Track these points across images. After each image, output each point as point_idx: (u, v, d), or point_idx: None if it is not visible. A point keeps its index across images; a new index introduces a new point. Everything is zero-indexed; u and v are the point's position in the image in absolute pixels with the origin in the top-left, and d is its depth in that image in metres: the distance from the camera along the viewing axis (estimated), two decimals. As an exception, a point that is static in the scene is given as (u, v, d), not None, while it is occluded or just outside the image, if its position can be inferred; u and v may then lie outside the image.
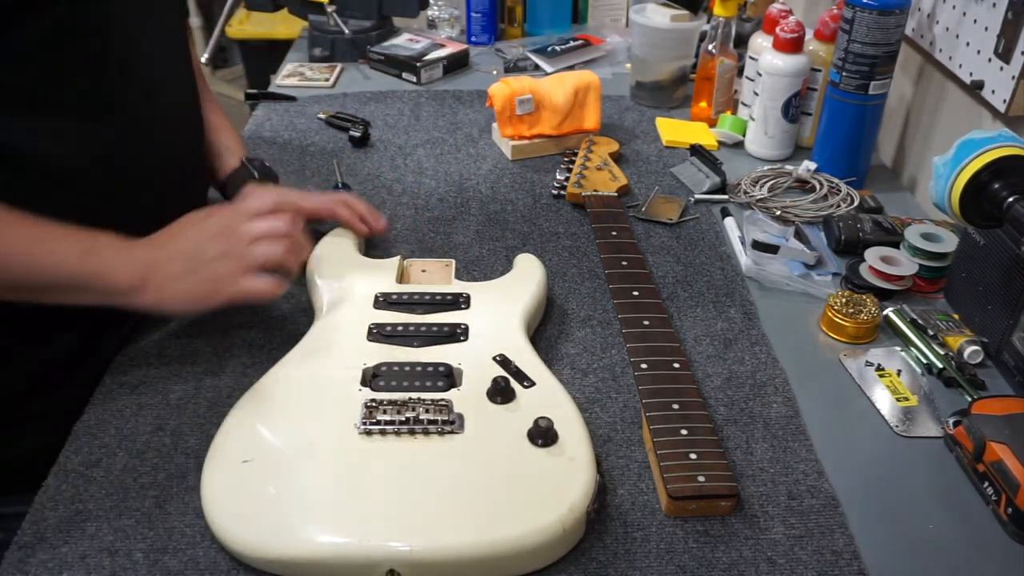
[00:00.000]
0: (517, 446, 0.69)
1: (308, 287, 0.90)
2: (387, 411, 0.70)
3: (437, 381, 0.75)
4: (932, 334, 0.88)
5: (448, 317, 0.83)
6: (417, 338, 0.80)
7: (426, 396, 0.73)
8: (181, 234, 0.80)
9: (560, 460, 0.68)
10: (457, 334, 0.81)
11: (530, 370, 0.77)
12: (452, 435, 0.70)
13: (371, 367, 0.76)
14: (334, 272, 0.89)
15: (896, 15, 1.05)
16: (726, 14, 1.26)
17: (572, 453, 0.68)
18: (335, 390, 0.74)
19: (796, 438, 0.77)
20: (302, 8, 1.53)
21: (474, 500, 0.65)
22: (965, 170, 0.78)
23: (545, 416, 0.70)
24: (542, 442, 0.69)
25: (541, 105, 1.22)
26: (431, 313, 0.84)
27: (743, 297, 0.95)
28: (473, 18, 1.61)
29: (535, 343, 0.83)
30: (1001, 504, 0.69)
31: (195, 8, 3.61)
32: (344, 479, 0.66)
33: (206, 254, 0.78)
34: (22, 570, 0.63)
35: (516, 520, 0.63)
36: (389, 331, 0.81)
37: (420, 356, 0.78)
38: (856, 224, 1.02)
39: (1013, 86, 0.95)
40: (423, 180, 1.17)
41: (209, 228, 0.80)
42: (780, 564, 0.66)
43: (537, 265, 0.92)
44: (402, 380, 0.75)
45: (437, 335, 0.81)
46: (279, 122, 1.32)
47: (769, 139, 1.23)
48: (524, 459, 0.68)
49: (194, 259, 0.78)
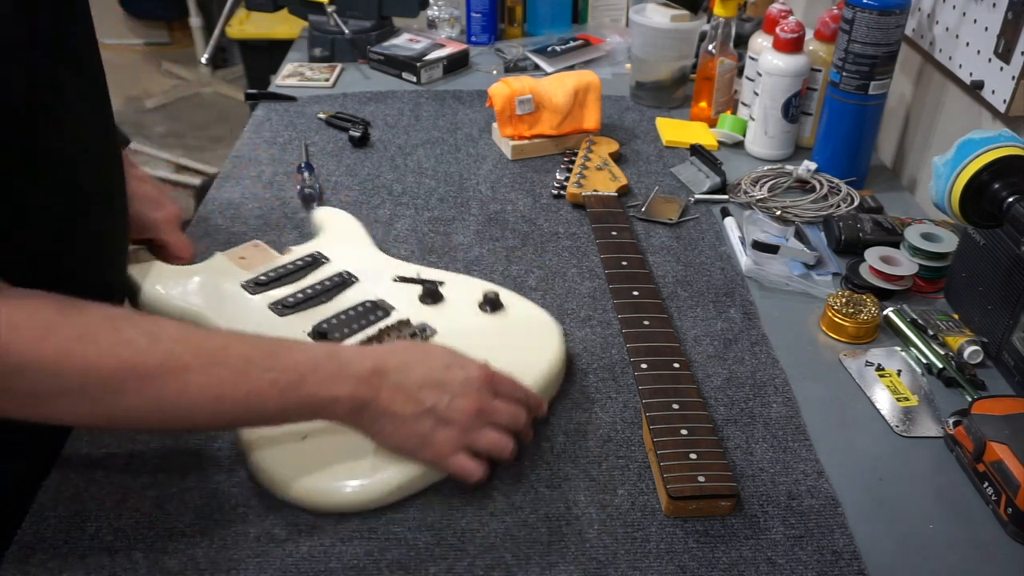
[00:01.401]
0: (487, 321, 0.82)
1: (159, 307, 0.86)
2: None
3: (377, 312, 0.82)
4: (932, 334, 0.88)
5: (324, 273, 0.87)
6: (321, 295, 0.84)
7: (383, 325, 0.80)
8: (424, 367, 0.70)
9: (521, 309, 0.85)
10: (349, 280, 0.86)
11: (426, 275, 0.88)
12: (434, 338, 0.80)
13: (312, 329, 0.80)
14: (181, 284, 0.87)
15: (896, 15, 1.05)
16: (726, 14, 1.26)
17: (523, 306, 0.86)
18: None
19: (796, 438, 0.77)
20: (302, 8, 1.54)
21: (501, 360, 0.74)
22: (965, 170, 0.78)
23: (491, 290, 0.84)
24: (493, 308, 0.84)
25: (541, 105, 1.22)
26: (304, 277, 0.87)
27: (743, 297, 0.95)
28: (473, 18, 1.61)
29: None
30: (1001, 504, 0.69)
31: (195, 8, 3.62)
32: None
33: (442, 409, 0.68)
34: (22, 570, 0.63)
35: (538, 353, 0.79)
36: (292, 301, 0.84)
37: (340, 305, 0.83)
38: (856, 224, 1.02)
39: (1013, 86, 0.95)
40: (423, 180, 1.17)
41: (457, 385, 0.69)
42: (780, 564, 0.66)
43: (334, 212, 1.02)
44: (351, 324, 0.80)
45: (334, 286, 0.86)
46: (279, 122, 1.32)
47: (769, 139, 1.23)
48: (502, 325, 0.83)
49: (426, 412, 0.68)
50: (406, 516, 0.69)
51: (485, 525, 0.68)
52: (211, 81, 3.70)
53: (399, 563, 0.65)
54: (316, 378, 0.65)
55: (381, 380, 0.67)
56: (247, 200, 1.10)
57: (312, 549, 0.66)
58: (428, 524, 0.68)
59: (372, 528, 0.67)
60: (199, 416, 0.64)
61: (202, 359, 0.62)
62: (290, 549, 0.66)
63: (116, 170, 0.81)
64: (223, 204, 1.09)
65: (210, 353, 0.63)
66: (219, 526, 0.67)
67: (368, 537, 0.67)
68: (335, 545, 0.66)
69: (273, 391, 0.63)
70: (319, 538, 0.66)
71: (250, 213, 1.07)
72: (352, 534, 0.67)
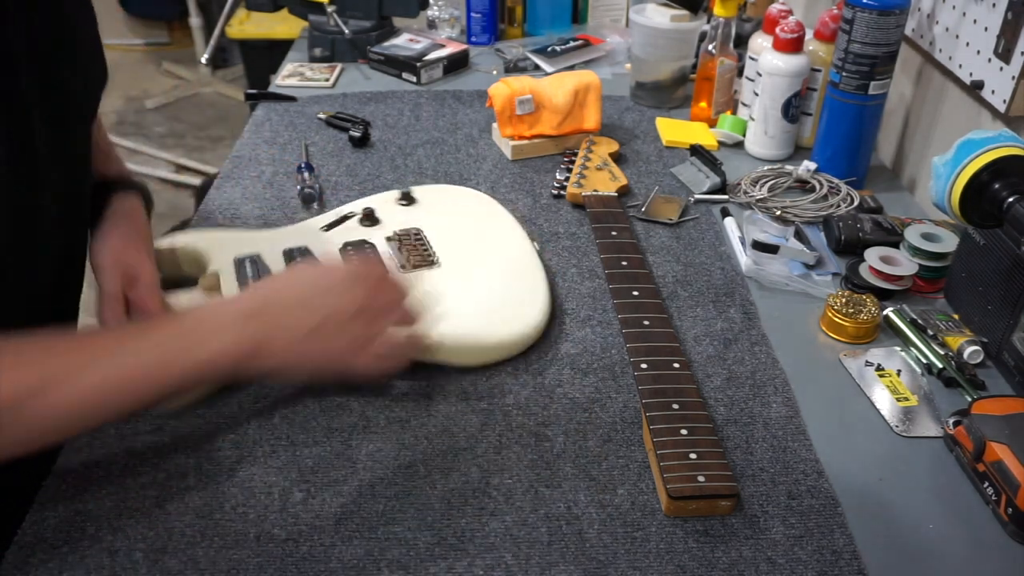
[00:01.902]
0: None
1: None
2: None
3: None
4: (932, 334, 0.88)
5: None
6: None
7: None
8: (299, 283, 0.71)
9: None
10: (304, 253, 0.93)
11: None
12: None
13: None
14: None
15: (896, 15, 1.05)
16: (726, 14, 1.26)
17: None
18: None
19: (796, 438, 0.77)
20: (302, 8, 1.53)
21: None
22: (965, 170, 0.78)
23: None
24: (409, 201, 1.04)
25: (541, 105, 1.22)
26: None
27: (743, 297, 0.95)
28: (473, 18, 1.61)
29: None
30: (1001, 504, 0.69)
31: (195, 8, 3.62)
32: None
33: (338, 308, 0.69)
34: (22, 570, 0.63)
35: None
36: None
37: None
38: (856, 224, 1.02)
39: (1013, 86, 0.95)
40: (423, 180, 1.17)
41: (340, 283, 0.71)
42: (780, 564, 0.66)
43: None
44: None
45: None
46: (279, 122, 1.32)
47: (769, 139, 1.23)
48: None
49: (323, 316, 0.69)
50: (406, 516, 0.69)
51: (485, 525, 0.68)
52: (211, 81, 3.70)
53: (399, 563, 0.65)
54: (186, 344, 0.65)
55: (260, 318, 0.67)
56: (247, 200, 1.10)
57: (312, 549, 0.66)
58: (428, 524, 0.68)
59: (372, 528, 0.67)
60: (89, 419, 0.65)
61: (70, 367, 0.62)
62: (290, 549, 0.66)
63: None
64: (223, 204, 1.09)
65: (77, 362, 0.63)
66: (219, 526, 0.67)
67: (368, 537, 0.67)
68: (335, 545, 0.66)
69: (150, 373, 0.64)
70: (319, 538, 0.66)
71: (250, 213, 1.07)
72: (352, 534, 0.67)
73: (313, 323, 0.68)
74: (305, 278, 0.72)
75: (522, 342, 0.85)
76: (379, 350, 0.71)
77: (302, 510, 0.69)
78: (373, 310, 0.71)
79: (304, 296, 0.70)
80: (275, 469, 0.72)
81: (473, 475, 0.72)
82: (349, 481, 0.71)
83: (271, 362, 0.68)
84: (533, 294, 0.90)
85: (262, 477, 0.72)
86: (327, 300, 0.69)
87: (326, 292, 0.70)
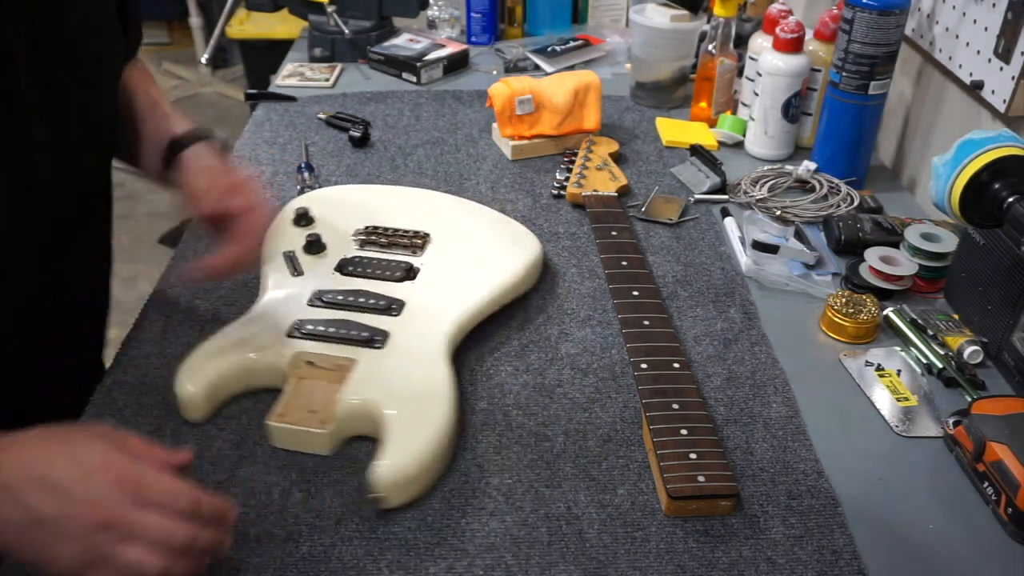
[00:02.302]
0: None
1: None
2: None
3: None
4: (932, 334, 0.88)
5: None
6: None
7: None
8: (46, 464, 0.56)
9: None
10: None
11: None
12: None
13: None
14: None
15: (896, 15, 1.05)
16: (726, 14, 1.26)
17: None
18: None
19: (796, 438, 0.77)
20: (302, 8, 1.53)
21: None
22: (965, 170, 0.78)
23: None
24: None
25: (541, 105, 1.22)
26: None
27: (743, 297, 0.95)
28: (473, 18, 1.61)
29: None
30: (1001, 504, 0.69)
31: (195, 8, 3.62)
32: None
33: (53, 518, 0.55)
34: (22, 570, 0.63)
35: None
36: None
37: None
38: (856, 224, 1.02)
39: (1013, 86, 0.95)
40: (423, 180, 1.17)
41: (78, 490, 0.55)
42: (780, 564, 0.66)
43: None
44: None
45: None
46: (279, 122, 1.32)
47: (769, 139, 1.23)
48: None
49: (37, 522, 0.55)
50: (406, 516, 0.69)
51: (485, 525, 0.68)
52: (211, 81, 3.70)
53: (399, 563, 0.65)
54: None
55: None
56: (247, 200, 1.10)
57: (312, 549, 0.66)
58: (428, 524, 0.68)
59: (372, 528, 0.67)
60: None
61: None
62: (290, 549, 0.66)
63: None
64: (223, 204, 1.09)
65: None
66: (219, 526, 0.67)
67: (368, 537, 0.67)
68: (335, 545, 0.66)
69: None
70: (319, 538, 0.66)
71: (250, 213, 1.07)
72: (352, 534, 0.67)
73: (24, 520, 0.55)
74: (58, 457, 0.57)
75: (536, 268, 0.94)
76: (126, 559, 0.55)
77: (302, 510, 0.69)
78: (121, 530, 0.55)
79: (40, 479, 0.55)
80: (275, 469, 0.72)
81: (473, 475, 0.72)
82: (349, 481, 0.71)
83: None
84: (519, 230, 0.98)
85: (262, 477, 0.72)
86: (56, 500, 0.55)
87: (62, 487, 0.55)
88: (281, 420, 0.74)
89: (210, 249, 0.82)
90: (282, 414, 0.75)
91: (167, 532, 0.56)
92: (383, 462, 0.68)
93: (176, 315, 0.89)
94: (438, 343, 0.80)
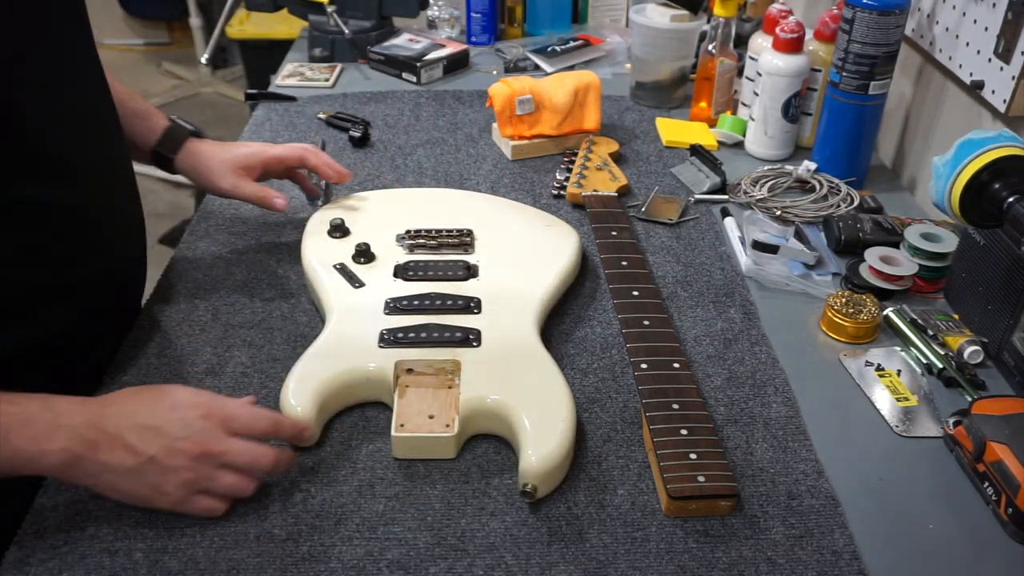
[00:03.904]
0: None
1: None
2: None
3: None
4: (932, 334, 0.88)
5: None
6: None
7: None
8: (144, 412, 0.67)
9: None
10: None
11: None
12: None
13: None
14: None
15: (896, 15, 1.05)
16: (726, 14, 1.26)
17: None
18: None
19: (796, 438, 0.77)
20: (302, 8, 1.53)
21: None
22: (965, 170, 0.78)
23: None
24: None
25: (541, 105, 1.22)
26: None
27: (743, 297, 0.95)
28: (473, 18, 1.61)
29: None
30: (1001, 504, 0.69)
31: (195, 8, 3.62)
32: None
33: (162, 456, 0.65)
34: (22, 570, 0.63)
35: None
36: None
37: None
38: (856, 224, 1.02)
39: (1013, 86, 0.95)
40: (423, 180, 1.17)
41: (177, 428, 0.66)
42: (780, 564, 0.66)
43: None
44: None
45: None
46: (279, 122, 1.32)
47: (769, 139, 1.23)
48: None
49: (147, 461, 0.65)
50: (406, 516, 0.69)
51: (485, 525, 0.68)
52: (211, 81, 3.70)
53: (399, 563, 0.65)
54: (25, 432, 0.62)
55: (97, 432, 0.64)
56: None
57: (312, 549, 0.66)
58: (428, 524, 0.68)
59: (372, 528, 0.67)
60: None
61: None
62: (290, 549, 0.66)
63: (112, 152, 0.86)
64: (223, 204, 1.09)
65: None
66: (219, 526, 0.67)
67: (368, 537, 0.67)
68: (335, 545, 0.66)
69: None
70: (319, 538, 0.66)
71: (250, 213, 1.07)
72: (352, 534, 0.67)
73: (135, 463, 0.64)
74: (154, 405, 0.67)
75: (581, 248, 0.97)
76: (224, 483, 0.67)
77: (302, 510, 0.69)
78: (218, 459, 0.66)
79: (142, 425, 0.65)
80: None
81: (473, 475, 0.72)
82: (349, 481, 0.71)
83: (89, 482, 0.66)
84: (561, 226, 0.99)
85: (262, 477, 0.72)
86: (160, 440, 0.65)
87: (163, 429, 0.65)
88: (404, 430, 0.73)
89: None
90: (403, 424, 0.74)
91: (255, 455, 0.67)
92: (531, 454, 0.69)
93: (176, 315, 0.90)
94: (530, 333, 0.81)
